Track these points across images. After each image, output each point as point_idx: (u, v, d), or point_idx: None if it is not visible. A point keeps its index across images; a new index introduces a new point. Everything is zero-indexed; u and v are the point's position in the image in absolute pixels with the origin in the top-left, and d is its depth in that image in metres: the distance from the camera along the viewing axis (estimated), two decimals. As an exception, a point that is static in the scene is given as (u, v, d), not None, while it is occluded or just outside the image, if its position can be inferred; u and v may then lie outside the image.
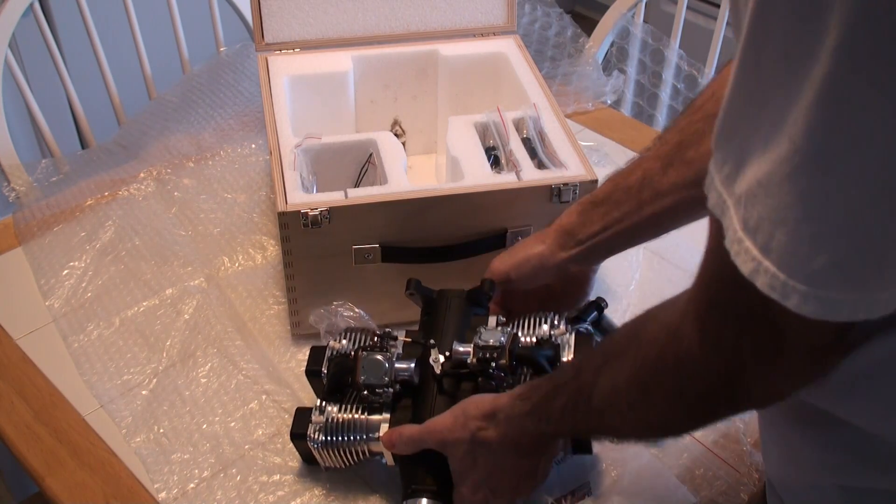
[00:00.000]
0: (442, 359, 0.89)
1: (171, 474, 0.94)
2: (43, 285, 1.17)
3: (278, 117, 1.14)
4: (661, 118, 1.66)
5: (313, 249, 1.01)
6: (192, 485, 0.93)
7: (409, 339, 0.93)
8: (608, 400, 0.70)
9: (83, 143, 1.67)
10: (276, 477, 0.94)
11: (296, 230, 0.99)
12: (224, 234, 1.24)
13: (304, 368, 1.05)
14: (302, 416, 0.90)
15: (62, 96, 1.60)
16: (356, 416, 0.89)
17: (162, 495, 0.92)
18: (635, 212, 0.89)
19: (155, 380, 1.04)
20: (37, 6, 1.50)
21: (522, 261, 0.95)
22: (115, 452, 0.97)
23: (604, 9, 1.69)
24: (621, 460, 0.95)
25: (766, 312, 0.50)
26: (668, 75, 1.63)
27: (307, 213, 0.98)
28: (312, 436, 0.89)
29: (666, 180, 0.86)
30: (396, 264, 1.04)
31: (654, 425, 0.71)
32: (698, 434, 0.98)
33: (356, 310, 1.03)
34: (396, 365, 0.87)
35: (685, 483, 0.93)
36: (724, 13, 1.61)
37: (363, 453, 0.89)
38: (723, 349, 0.57)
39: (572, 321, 1.08)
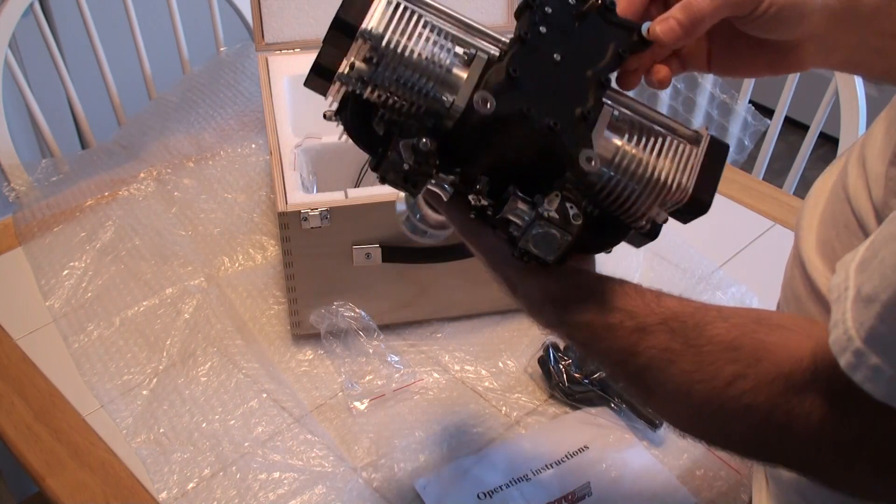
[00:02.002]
0: (480, 201, 0.64)
1: (171, 474, 0.94)
2: (43, 285, 1.17)
3: (278, 117, 1.14)
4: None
5: (313, 249, 1.01)
6: (191, 484, 0.93)
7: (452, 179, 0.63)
8: (667, 390, 0.60)
9: (83, 143, 1.67)
10: (276, 475, 0.94)
11: (296, 230, 0.99)
12: (224, 234, 1.24)
13: (304, 369, 1.06)
14: None
15: (62, 96, 1.60)
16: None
17: (162, 495, 0.92)
18: None
19: (155, 379, 1.04)
20: (37, 6, 1.50)
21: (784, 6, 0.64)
22: (115, 452, 0.97)
23: None
24: (621, 460, 0.95)
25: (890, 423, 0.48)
26: (668, 75, 1.63)
27: (307, 213, 0.98)
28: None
29: None
30: (396, 264, 1.04)
31: (703, 438, 0.63)
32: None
33: (356, 310, 1.04)
34: (425, 213, 0.69)
35: (685, 484, 0.93)
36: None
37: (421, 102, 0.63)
38: (845, 437, 0.52)
39: None
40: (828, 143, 1.79)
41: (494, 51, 0.64)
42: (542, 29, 0.62)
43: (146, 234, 1.24)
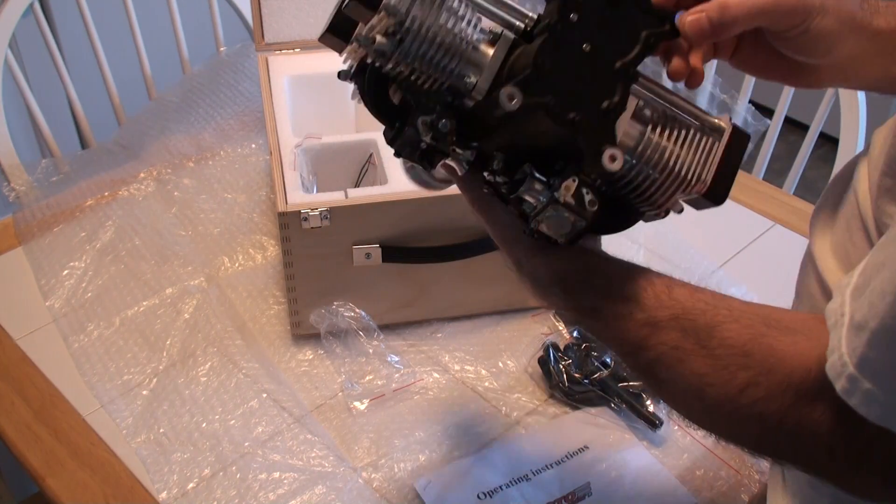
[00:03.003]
0: (500, 181, 0.65)
1: (171, 474, 0.94)
2: (43, 285, 1.17)
3: (278, 117, 1.14)
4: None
5: (313, 249, 1.01)
6: (191, 484, 0.93)
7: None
8: (678, 387, 0.60)
9: (83, 143, 1.67)
10: (276, 475, 0.94)
11: (296, 230, 0.99)
12: (224, 234, 1.24)
13: (304, 369, 1.06)
14: None
15: (62, 96, 1.60)
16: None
17: (162, 495, 0.92)
18: None
19: (155, 379, 1.04)
20: (37, 6, 1.50)
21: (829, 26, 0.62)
22: (115, 452, 0.97)
23: None
24: (621, 460, 0.95)
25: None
26: (668, 75, 1.63)
27: (307, 213, 0.98)
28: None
29: None
30: (396, 264, 1.04)
31: (715, 433, 0.63)
32: (699, 434, 0.98)
33: (356, 310, 1.04)
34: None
35: (685, 484, 0.93)
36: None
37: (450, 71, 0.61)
38: (853, 445, 0.53)
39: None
40: (828, 144, 1.79)
41: (520, 23, 0.62)
42: (573, 17, 0.60)
43: (146, 234, 1.24)
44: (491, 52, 0.61)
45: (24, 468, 0.97)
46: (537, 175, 0.62)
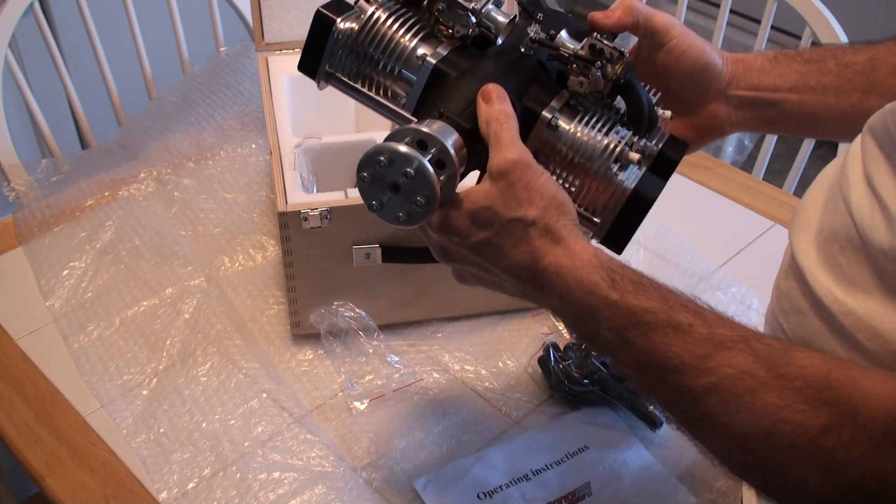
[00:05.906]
0: (542, 35, 0.71)
1: (171, 474, 0.94)
2: (43, 285, 1.17)
3: (278, 117, 1.14)
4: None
5: (313, 249, 1.01)
6: (191, 484, 0.93)
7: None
8: (737, 422, 0.51)
9: (83, 143, 1.67)
10: (276, 475, 0.94)
11: (296, 230, 0.99)
12: (224, 234, 1.24)
13: (304, 369, 1.06)
14: None
15: (62, 96, 1.60)
16: (404, 37, 0.72)
17: (162, 495, 0.92)
18: (846, 92, 0.72)
19: (155, 379, 1.04)
20: (37, 6, 1.50)
21: (692, 46, 0.75)
22: (115, 452, 0.97)
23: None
24: (621, 460, 0.95)
25: None
26: (668, 75, 1.63)
27: (307, 213, 0.98)
28: (341, 26, 0.72)
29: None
30: (396, 264, 1.04)
31: (765, 488, 0.54)
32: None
33: (356, 310, 1.04)
34: (491, 7, 0.71)
35: (685, 483, 0.93)
36: (725, 13, 1.61)
37: (384, 88, 0.74)
38: None
39: None
40: (827, 144, 1.79)
41: None
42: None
43: (146, 234, 1.25)
44: None
45: (24, 468, 0.97)
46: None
